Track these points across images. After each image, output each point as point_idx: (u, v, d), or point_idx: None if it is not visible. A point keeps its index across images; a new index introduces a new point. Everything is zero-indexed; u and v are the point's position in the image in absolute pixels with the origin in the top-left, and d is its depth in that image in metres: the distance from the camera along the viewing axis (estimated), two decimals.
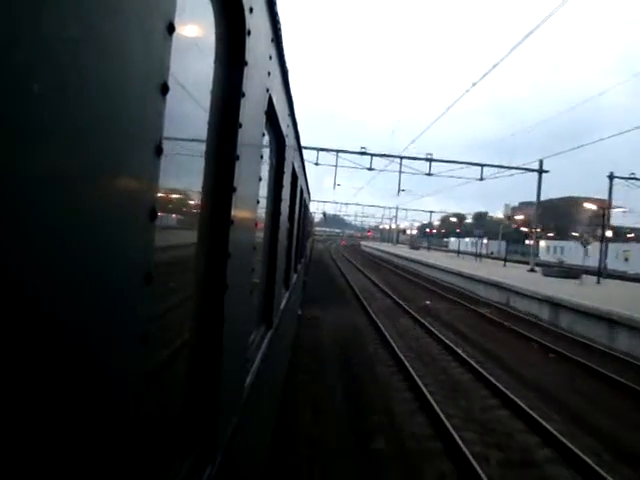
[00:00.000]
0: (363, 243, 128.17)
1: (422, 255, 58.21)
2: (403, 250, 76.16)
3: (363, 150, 36.53)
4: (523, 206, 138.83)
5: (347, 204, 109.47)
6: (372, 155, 36.85)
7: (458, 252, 62.99)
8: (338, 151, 36.79)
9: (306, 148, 32.93)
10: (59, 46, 0.64)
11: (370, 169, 37.02)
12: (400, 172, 37.85)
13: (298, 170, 6.25)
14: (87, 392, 0.78)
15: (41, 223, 0.63)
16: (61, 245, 0.68)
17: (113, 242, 0.84)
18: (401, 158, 37.57)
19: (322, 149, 35.97)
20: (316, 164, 35.76)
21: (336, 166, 36.97)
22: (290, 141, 4.34)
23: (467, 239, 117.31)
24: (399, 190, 39.77)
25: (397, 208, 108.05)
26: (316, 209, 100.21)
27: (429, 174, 36.84)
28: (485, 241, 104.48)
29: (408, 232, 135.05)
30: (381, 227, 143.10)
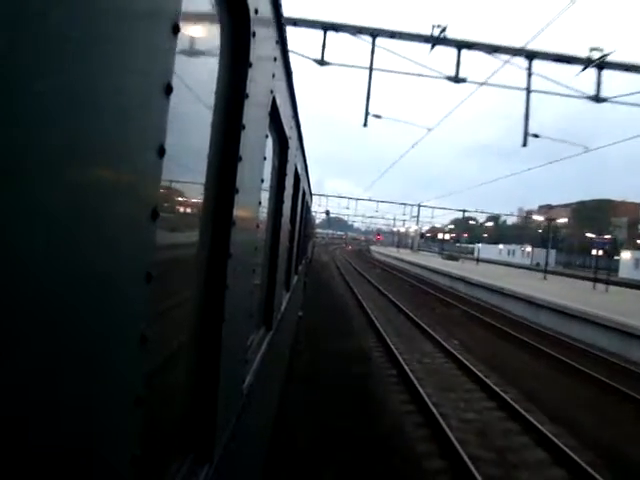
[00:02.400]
0: (374, 249, 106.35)
1: (474, 272, 36.31)
2: (435, 261, 54.31)
3: (442, 33, 14.79)
4: (543, 209, 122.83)
5: (357, 199, 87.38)
6: (461, 46, 15.37)
7: (545, 271, 38.99)
8: (375, 33, 15.20)
9: (300, 24, 11.39)
10: (63, 46, 0.64)
11: (456, 80, 15.53)
12: (528, 90, 16.25)
13: (301, 172, 6.18)
14: (85, 391, 0.78)
15: (43, 222, 0.63)
16: (62, 244, 0.68)
17: (114, 241, 0.85)
18: (530, 58, 16.08)
19: (336, 26, 14.56)
20: (321, 63, 14.47)
21: (371, 69, 15.45)
22: (293, 143, 4.32)
23: (501, 246, 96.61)
24: (525, 135, 14.17)
25: (419, 205, 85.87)
26: (318, 205, 78.85)
27: (598, 98, 15.49)
28: (529, 249, 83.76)
29: (436, 236, 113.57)
30: (395, 229, 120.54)
